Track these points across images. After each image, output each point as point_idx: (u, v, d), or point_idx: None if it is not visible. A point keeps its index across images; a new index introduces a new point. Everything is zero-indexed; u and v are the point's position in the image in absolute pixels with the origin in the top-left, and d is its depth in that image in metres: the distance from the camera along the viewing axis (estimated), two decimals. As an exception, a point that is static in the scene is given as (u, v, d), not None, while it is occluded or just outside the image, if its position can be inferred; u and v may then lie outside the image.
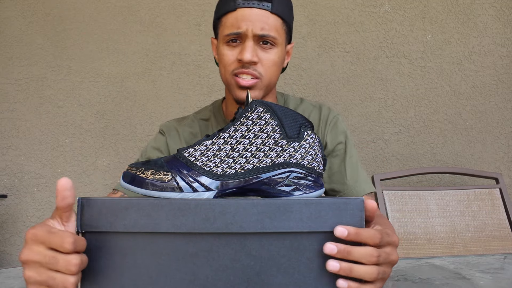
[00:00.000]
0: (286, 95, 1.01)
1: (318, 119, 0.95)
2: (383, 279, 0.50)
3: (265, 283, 0.48)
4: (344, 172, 0.89)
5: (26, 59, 1.73)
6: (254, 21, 0.79)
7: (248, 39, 0.80)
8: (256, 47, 0.81)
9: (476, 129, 1.76)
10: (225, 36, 0.82)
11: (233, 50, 0.82)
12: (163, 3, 1.76)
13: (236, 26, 0.80)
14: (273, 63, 0.83)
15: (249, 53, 0.79)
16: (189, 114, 1.02)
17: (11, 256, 1.68)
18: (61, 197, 0.47)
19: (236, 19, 0.80)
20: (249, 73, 0.81)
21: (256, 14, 0.80)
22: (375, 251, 0.48)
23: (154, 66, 1.75)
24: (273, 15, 0.81)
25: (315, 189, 0.57)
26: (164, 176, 0.52)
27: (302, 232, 0.49)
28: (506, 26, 1.78)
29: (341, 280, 0.48)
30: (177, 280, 0.48)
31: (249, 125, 0.55)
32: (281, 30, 0.84)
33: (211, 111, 0.99)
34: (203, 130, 0.97)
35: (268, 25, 0.80)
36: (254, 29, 0.79)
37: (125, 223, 0.48)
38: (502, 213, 1.46)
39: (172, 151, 0.94)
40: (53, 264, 0.45)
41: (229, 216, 0.48)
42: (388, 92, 1.76)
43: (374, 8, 1.77)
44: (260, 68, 0.82)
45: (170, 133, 0.97)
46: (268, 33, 0.80)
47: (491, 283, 0.60)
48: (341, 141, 0.93)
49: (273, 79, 0.86)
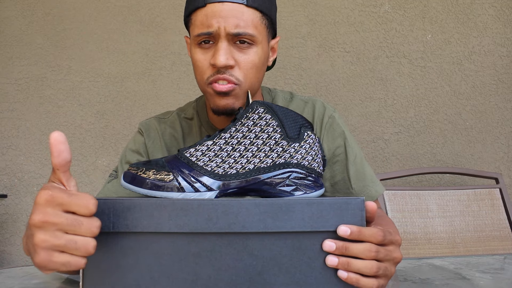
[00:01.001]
0: (274, 91, 0.91)
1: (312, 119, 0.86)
2: (386, 276, 0.51)
3: (267, 283, 0.49)
4: (348, 180, 0.82)
5: (26, 59, 1.73)
6: (226, 17, 0.68)
7: (221, 40, 0.69)
8: (231, 48, 0.70)
9: (476, 129, 1.76)
10: (196, 36, 0.71)
11: (206, 54, 0.71)
12: (163, 3, 1.76)
13: (206, 24, 0.69)
14: (252, 65, 0.72)
15: (222, 56, 0.68)
16: (172, 110, 0.92)
17: (11, 256, 1.68)
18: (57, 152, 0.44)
19: (206, 17, 0.69)
20: (225, 78, 0.70)
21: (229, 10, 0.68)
22: (373, 247, 0.49)
23: (154, 66, 1.75)
24: (249, 8, 0.70)
25: (315, 189, 0.57)
26: (166, 176, 0.52)
27: (304, 231, 0.49)
28: (506, 26, 1.78)
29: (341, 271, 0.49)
30: (180, 280, 0.48)
31: (250, 125, 0.56)
32: (261, 25, 0.72)
33: (195, 108, 0.89)
34: (185, 131, 0.88)
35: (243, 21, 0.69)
36: (227, 27, 0.68)
37: (127, 223, 0.48)
38: (502, 213, 1.47)
39: (151, 155, 0.85)
40: (75, 227, 0.42)
41: (232, 216, 0.48)
42: (388, 92, 1.76)
43: (374, 8, 1.78)
44: (237, 72, 0.71)
45: (149, 133, 0.87)
46: (244, 31, 0.69)
47: (491, 283, 0.60)
48: (339, 145, 0.84)
49: (255, 82, 0.74)
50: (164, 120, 0.90)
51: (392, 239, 0.52)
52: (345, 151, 0.84)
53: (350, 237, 0.48)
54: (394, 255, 0.51)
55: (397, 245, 0.53)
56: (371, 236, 0.49)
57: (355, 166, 0.83)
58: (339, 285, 0.49)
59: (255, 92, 0.78)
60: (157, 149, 0.86)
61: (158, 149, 0.86)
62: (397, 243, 0.53)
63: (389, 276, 0.51)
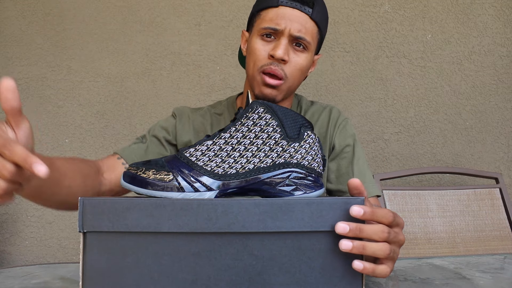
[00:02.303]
0: (299, 95, 1.02)
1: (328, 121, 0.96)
2: (393, 259, 0.52)
3: (267, 283, 0.49)
4: (352, 174, 0.90)
5: (26, 59, 1.73)
6: (293, 21, 0.80)
7: (283, 37, 0.81)
8: (289, 47, 0.82)
9: (476, 129, 1.76)
10: (262, 29, 0.82)
11: (266, 45, 0.83)
12: (163, 3, 1.76)
13: (275, 22, 0.81)
14: (300, 66, 0.84)
15: (282, 50, 0.80)
16: (203, 106, 1.02)
17: (11, 256, 1.68)
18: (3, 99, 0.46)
19: (277, 15, 0.81)
20: (277, 71, 0.81)
21: (297, 16, 0.81)
22: (386, 228, 0.50)
23: (154, 66, 1.75)
24: (312, 20, 0.82)
25: (315, 189, 0.57)
26: (166, 176, 0.52)
27: (303, 231, 0.49)
28: (506, 26, 1.78)
29: (357, 261, 0.49)
30: (179, 279, 0.48)
31: (249, 125, 0.56)
32: (316, 37, 0.85)
33: (225, 106, 0.99)
34: (214, 123, 0.97)
35: (305, 28, 0.81)
36: (292, 29, 0.80)
37: (127, 223, 0.48)
38: (502, 213, 1.46)
39: (179, 135, 0.94)
40: None
41: (231, 216, 0.48)
42: (388, 92, 1.76)
43: (374, 8, 1.78)
44: (288, 68, 0.82)
45: (181, 117, 0.96)
46: (304, 36, 0.81)
47: (491, 283, 0.60)
48: (349, 144, 0.93)
49: (296, 83, 0.86)
50: (196, 111, 0.99)
51: (398, 221, 0.53)
52: (353, 150, 0.93)
53: (363, 217, 0.49)
54: (400, 237, 0.53)
55: (401, 227, 0.54)
56: (383, 217, 0.50)
57: (358, 166, 0.92)
58: (339, 284, 0.49)
59: (292, 92, 0.89)
60: (186, 132, 0.94)
61: (187, 132, 0.94)
62: (401, 225, 0.54)
63: (395, 259, 0.53)
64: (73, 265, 0.74)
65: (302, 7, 0.81)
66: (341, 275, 0.50)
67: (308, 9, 0.81)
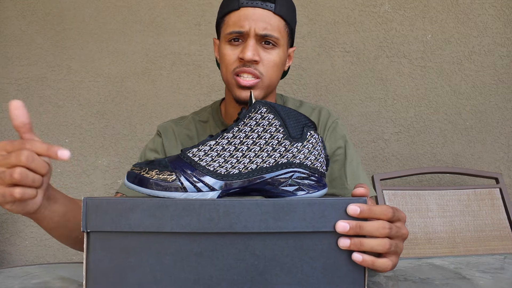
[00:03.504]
0: (285, 97, 1.00)
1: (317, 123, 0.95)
2: (396, 253, 0.52)
3: (269, 283, 0.49)
4: (345, 177, 0.90)
5: (26, 59, 1.73)
6: (256, 20, 0.79)
7: (250, 38, 0.80)
8: (257, 47, 0.81)
9: (476, 129, 1.76)
10: (227, 34, 0.82)
11: (235, 49, 0.82)
12: (163, 3, 1.76)
13: (239, 25, 0.80)
14: (274, 63, 0.83)
15: (250, 51, 0.79)
16: (188, 114, 1.03)
17: (11, 256, 1.68)
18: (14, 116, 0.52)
19: (239, 18, 0.80)
20: (250, 72, 0.80)
21: (259, 14, 0.80)
22: (386, 224, 0.50)
23: (154, 66, 1.75)
24: (276, 16, 0.81)
25: (318, 189, 0.57)
26: (168, 176, 0.52)
27: (305, 232, 0.49)
28: (506, 26, 1.78)
29: (356, 253, 0.49)
30: (182, 279, 0.48)
31: (252, 125, 0.56)
32: (284, 31, 0.84)
33: (210, 113, 0.99)
34: (200, 132, 0.96)
35: (270, 25, 0.80)
36: (257, 28, 0.79)
37: (130, 223, 0.48)
38: (502, 213, 1.47)
39: (168, 152, 0.94)
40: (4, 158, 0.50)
41: (233, 216, 0.48)
42: (388, 92, 1.76)
43: (374, 8, 1.78)
44: (261, 67, 0.82)
45: (166, 134, 0.97)
46: (270, 33, 0.80)
47: (491, 283, 0.61)
48: (340, 146, 0.92)
49: (274, 80, 0.85)
50: (180, 123, 0.99)
51: (399, 216, 0.53)
52: (345, 152, 0.92)
53: (360, 215, 0.49)
54: (402, 231, 0.53)
55: (403, 221, 0.54)
56: (381, 213, 0.50)
57: (351, 168, 0.91)
58: (341, 285, 0.50)
59: (272, 90, 0.88)
60: (173, 148, 0.95)
61: (174, 148, 0.95)
62: (403, 219, 0.54)
63: (399, 253, 0.53)
64: (73, 265, 0.74)
65: (263, 4, 0.80)
66: (343, 275, 0.50)
67: (270, 4, 0.80)
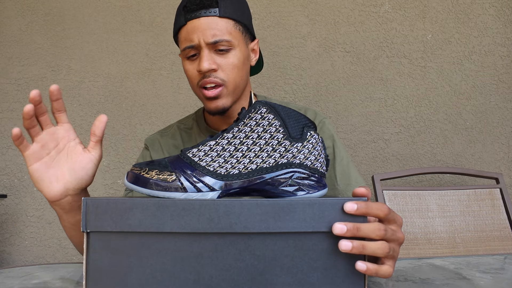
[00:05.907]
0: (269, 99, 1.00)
1: None
2: (394, 258, 0.52)
3: (269, 283, 0.49)
4: (334, 177, 0.90)
5: (25, 58, 1.73)
6: (203, 30, 0.79)
7: (202, 49, 0.80)
8: (212, 55, 0.81)
9: (476, 129, 1.76)
10: (183, 51, 0.83)
11: (193, 64, 0.83)
12: (163, 3, 1.76)
13: (189, 39, 0.81)
14: (233, 66, 0.82)
15: (205, 62, 0.79)
16: (173, 123, 1.04)
17: (11, 256, 1.68)
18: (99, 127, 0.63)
19: (187, 33, 0.81)
20: (211, 81, 0.81)
21: (205, 23, 0.79)
22: (382, 225, 0.50)
23: (154, 66, 1.75)
24: (222, 18, 0.81)
25: (318, 189, 0.57)
26: (168, 176, 0.52)
27: (305, 232, 0.49)
28: (506, 26, 1.78)
29: (360, 262, 0.49)
30: (182, 279, 0.48)
31: (252, 125, 0.56)
32: (235, 31, 0.83)
33: (194, 119, 1.00)
34: (185, 140, 0.98)
35: (218, 30, 0.80)
36: (205, 38, 0.79)
37: (130, 223, 0.48)
38: (502, 213, 1.47)
39: None
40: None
41: (233, 216, 0.48)
42: (388, 92, 1.76)
43: (374, 8, 1.78)
44: (221, 74, 0.81)
45: (153, 146, 0.98)
46: (220, 38, 0.80)
47: (491, 283, 0.60)
48: (328, 146, 0.92)
49: (239, 81, 0.84)
50: (166, 134, 1.01)
51: (395, 218, 0.53)
52: (333, 151, 0.92)
53: (358, 212, 0.49)
54: (398, 235, 0.53)
55: (399, 225, 0.54)
56: (378, 209, 0.50)
57: (341, 167, 0.91)
58: (341, 285, 0.49)
59: (240, 92, 0.88)
60: None
61: None
62: (399, 222, 0.54)
63: (396, 258, 0.52)
64: (73, 265, 0.74)
65: (206, 11, 0.80)
66: (343, 276, 0.50)
67: (214, 10, 0.80)
